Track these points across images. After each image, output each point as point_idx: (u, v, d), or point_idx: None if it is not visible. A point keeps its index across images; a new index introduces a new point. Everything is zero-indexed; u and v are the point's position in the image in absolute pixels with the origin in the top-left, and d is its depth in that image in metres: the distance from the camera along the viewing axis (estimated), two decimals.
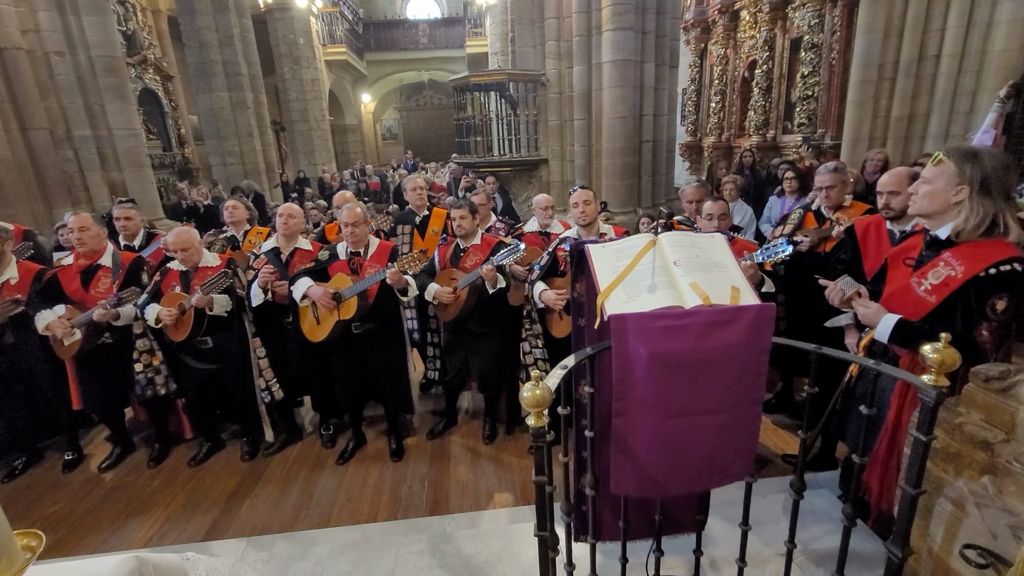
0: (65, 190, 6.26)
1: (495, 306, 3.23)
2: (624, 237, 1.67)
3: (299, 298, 3.04)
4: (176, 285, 3.12)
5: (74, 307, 3.13)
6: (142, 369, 3.22)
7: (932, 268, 1.69)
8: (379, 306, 3.10)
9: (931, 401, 1.14)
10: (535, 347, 3.24)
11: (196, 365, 3.20)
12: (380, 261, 3.07)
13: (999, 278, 1.55)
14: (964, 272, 1.60)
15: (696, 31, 10.06)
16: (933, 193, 1.67)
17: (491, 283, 3.09)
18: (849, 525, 1.36)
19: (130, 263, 3.32)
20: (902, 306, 1.75)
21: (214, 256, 3.29)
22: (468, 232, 3.26)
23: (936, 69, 5.73)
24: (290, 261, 3.35)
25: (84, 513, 2.99)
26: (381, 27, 19.27)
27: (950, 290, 1.63)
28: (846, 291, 1.87)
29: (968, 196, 1.60)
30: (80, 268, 3.22)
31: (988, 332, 1.56)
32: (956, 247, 1.66)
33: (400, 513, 2.85)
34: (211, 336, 3.16)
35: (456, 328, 3.35)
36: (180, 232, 3.15)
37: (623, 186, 7.12)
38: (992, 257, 1.57)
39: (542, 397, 1.09)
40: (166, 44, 11.49)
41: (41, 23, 5.87)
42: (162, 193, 9.16)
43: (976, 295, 1.58)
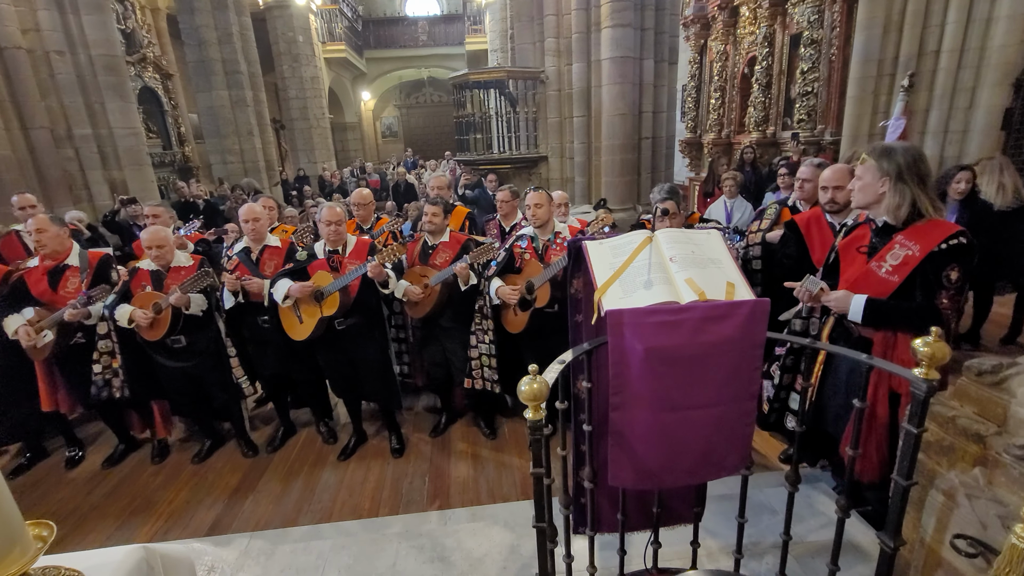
0: (66, 189, 6.28)
1: (464, 302, 3.25)
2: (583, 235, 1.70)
3: (281, 300, 3.01)
4: (147, 285, 3.08)
5: (43, 309, 3.09)
6: (100, 371, 3.17)
7: (889, 251, 1.87)
8: (361, 300, 3.11)
9: (922, 394, 1.16)
10: (481, 341, 3.24)
11: (169, 364, 3.18)
12: (359, 257, 3.06)
13: (950, 251, 1.76)
14: (920, 250, 1.79)
15: (695, 27, 10.02)
16: (864, 187, 1.91)
17: (463, 280, 3.11)
18: (843, 516, 1.38)
19: (98, 261, 3.28)
20: (867, 288, 1.89)
21: (186, 256, 3.26)
22: (438, 229, 3.28)
23: (935, 65, 5.72)
24: (260, 259, 3.34)
25: (88, 509, 3.02)
26: (380, 24, 19.25)
27: (910, 268, 1.80)
28: (812, 290, 2.00)
29: (890, 186, 1.84)
30: (47, 269, 3.17)
31: (948, 300, 1.77)
32: (906, 230, 1.86)
33: (401, 508, 2.88)
34: (184, 335, 3.13)
35: (427, 324, 3.37)
36: (155, 229, 3.12)
37: (622, 183, 7.13)
38: (941, 234, 1.78)
39: (539, 391, 1.11)
40: (165, 42, 11.47)
41: (41, 22, 5.88)
42: (162, 191, 9.18)
43: (932, 269, 1.77)
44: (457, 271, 3.05)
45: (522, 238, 3.18)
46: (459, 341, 3.33)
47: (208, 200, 8.43)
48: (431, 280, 3.13)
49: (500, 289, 3.02)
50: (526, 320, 3.04)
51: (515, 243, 3.17)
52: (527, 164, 7.87)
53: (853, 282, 1.94)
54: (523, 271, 3.08)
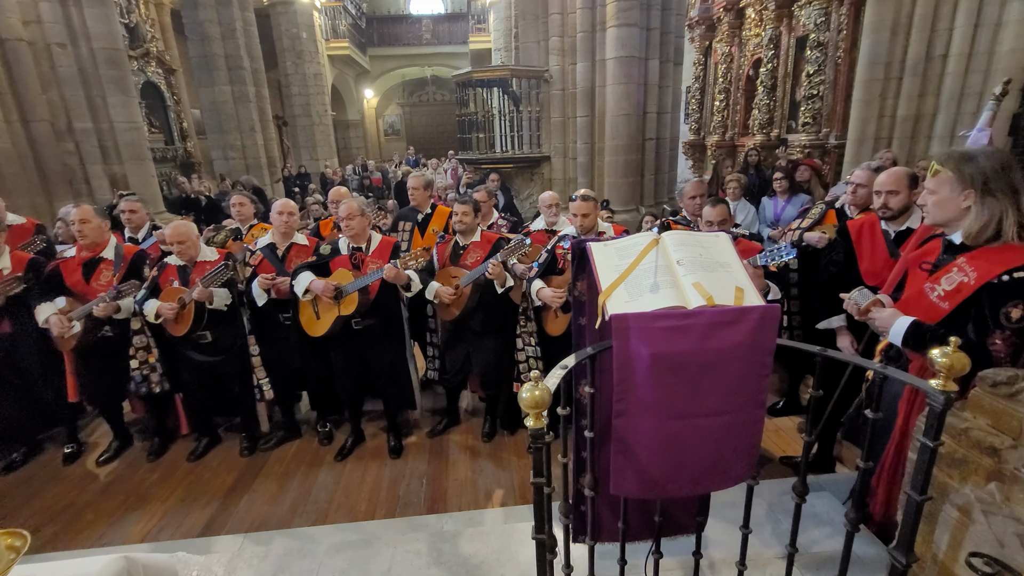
0: (66, 183, 6.24)
1: (498, 304, 3.20)
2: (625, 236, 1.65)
3: (301, 293, 3.02)
4: (174, 280, 3.11)
5: (75, 299, 3.12)
6: (137, 366, 3.20)
7: (946, 273, 1.66)
8: (380, 302, 3.08)
9: (939, 406, 1.12)
10: (528, 344, 3.22)
11: (197, 358, 3.19)
12: (382, 257, 3.06)
13: (1013, 285, 1.50)
14: (977, 278, 1.56)
15: (701, 28, 9.97)
16: (941, 202, 1.66)
17: (500, 282, 3.06)
18: (852, 531, 1.34)
19: (132, 256, 3.30)
20: (915, 310, 1.71)
21: (212, 250, 3.27)
22: (468, 229, 3.23)
23: (943, 69, 5.67)
24: (286, 257, 3.32)
25: (83, 506, 2.99)
26: (384, 22, 19.20)
27: (963, 296, 1.59)
28: (860, 303, 1.83)
29: (975, 200, 1.58)
30: (82, 260, 3.21)
31: (1002, 341, 1.51)
32: (971, 252, 1.62)
33: (398, 511, 2.84)
34: (210, 330, 3.15)
35: (458, 327, 3.31)
36: (178, 225, 3.14)
37: (626, 184, 7.08)
38: (1007, 263, 1.52)
39: (541, 398, 1.07)
40: (169, 37, 11.42)
41: (43, 14, 5.84)
42: (163, 186, 9.15)
43: (990, 302, 1.53)
44: (490, 272, 2.99)
45: (564, 238, 3.12)
46: (489, 346, 3.27)
47: (210, 197, 8.40)
48: (462, 281, 3.10)
49: (541, 291, 2.96)
50: (567, 323, 2.98)
51: (557, 243, 3.11)
52: (530, 164, 7.81)
53: (905, 300, 1.78)
54: (565, 272, 3.03)
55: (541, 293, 2.96)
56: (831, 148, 7.37)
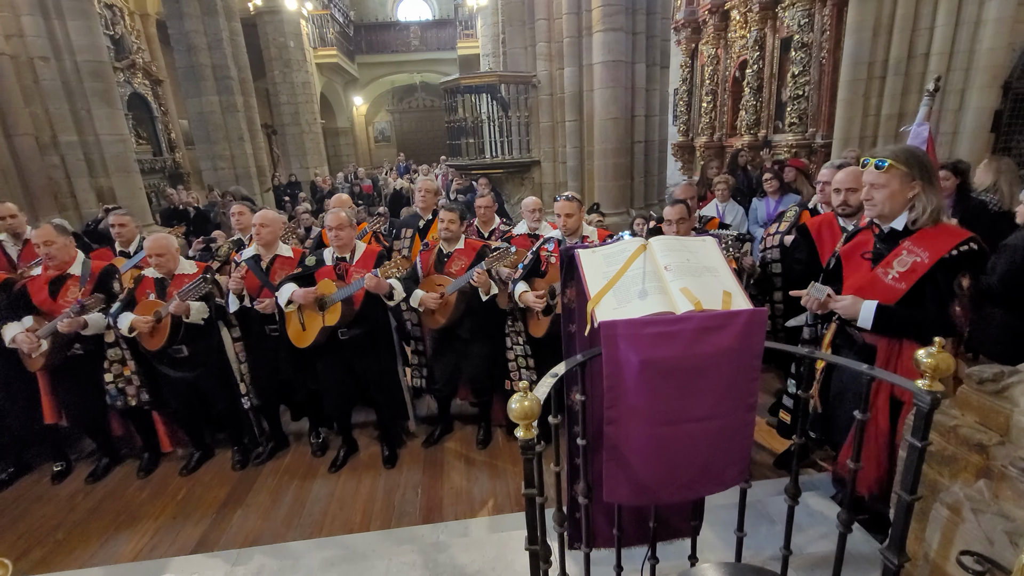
0: (51, 197, 6.17)
1: (484, 311, 3.19)
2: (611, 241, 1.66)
3: (284, 303, 2.99)
4: (151, 292, 3.05)
5: (42, 318, 3.04)
6: (112, 379, 3.14)
7: (896, 257, 1.82)
8: (366, 312, 3.06)
9: (926, 406, 1.13)
10: (516, 343, 3.22)
11: (173, 374, 3.14)
12: (366, 266, 3.02)
13: (960, 258, 1.70)
14: (930, 257, 1.74)
15: (687, 31, 10.06)
16: (892, 195, 1.81)
17: (484, 289, 3.05)
18: (844, 532, 1.34)
19: (100, 272, 3.22)
20: (873, 295, 1.84)
21: (191, 263, 3.22)
22: (454, 236, 3.22)
23: (925, 67, 5.75)
24: (271, 268, 3.29)
25: (72, 525, 2.94)
26: (372, 29, 19.19)
27: (918, 275, 1.75)
28: (819, 297, 1.94)
29: (921, 190, 1.77)
30: (49, 278, 3.12)
31: (960, 308, 1.71)
32: (913, 236, 1.80)
33: (393, 521, 2.82)
34: (187, 345, 3.09)
35: (444, 335, 3.30)
36: (157, 237, 3.08)
37: (616, 187, 7.10)
38: (951, 240, 1.72)
39: (530, 409, 1.07)
40: (155, 48, 11.39)
41: (25, 28, 5.78)
42: (152, 198, 9.09)
43: (943, 276, 1.71)
44: (475, 280, 2.98)
45: (549, 241, 3.12)
46: (478, 352, 3.26)
47: (199, 208, 8.35)
48: (446, 289, 3.08)
49: (524, 295, 2.96)
50: (547, 325, 2.99)
51: (542, 246, 3.12)
52: (520, 168, 7.82)
53: (858, 289, 1.89)
54: (547, 275, 3.03)
55: (523, 298, 2.97)
56: (818, 147, 7.45)
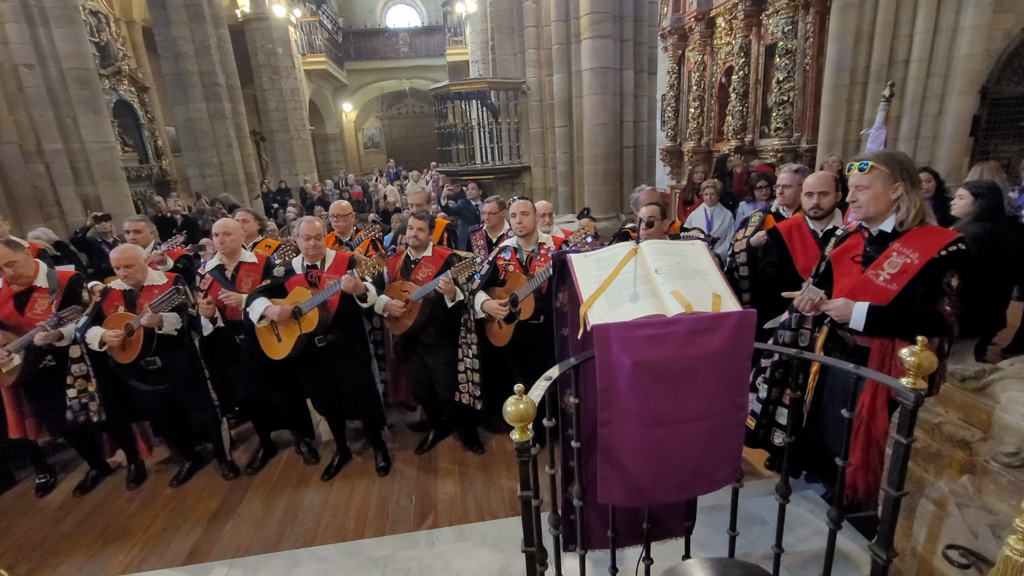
0: (36, 206, 6.10)
1: (448, 317, 3.19)
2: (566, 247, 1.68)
3: (256, 320, 2.93)
4: (119, 305, 2.98)
5: (9, 332, 2.96)
6: (75, 395, 3.05)
7: (886, 259, 1.85)
8: (341, 316, 3.03)
9: (910, 404, 1.16)
10: (466, 356, 3.20)
11: (143, 387, 3.08)
12: (338, 272, 2.98)
13: (950, 258, 1.74)
14: (920, 257, 1.78)
15: (673, 38, 10.16)
16: (875, 196, 1.85)
17: (450, 296, 3.05)
18: (834, 528, 1.37)
19: (68, 281, 3.15)
20: (865, 297, 1.87)
21: (160, 274, 3.16)
22: (421, 244, 3.21)
23: (906, 74, 5.88)
24: (236, 276, 3.25)
25: (59, 539, 2.89)
26: (361, 36, 19.22)
27: (909, 276, 1.78)
28: (813, 299, 1.97)
29: (904, 192, 1.81)
30: (13, 292, 3.04)
31: (950, 306, 1.74)
32: (902, 237, 1.84)
33: (388, 528, 2.81)
34: (159, 356, 3.04)
35: (408, 340, 3.28)
36: (124, 248, 3.01)
37: (605, 192, 7.18)
38: (940, 241, 1.76)
39: (526, 411, 1.08)
40: (141, 55, 11.32)
41: (9, 35, 5.73)
42: (139, 206, 8.99)
43: (933, 276, 1.75)
44: (441, 288, 2.97)
45: (505, 250, 3.14)
46: (442, 358, 3.26)
47: (187, 216, 8.27)
48: (412, 295, 3.07)
49: (486, 304, 2.96)
50: (511, 333, 3.00)
51: (499, 255, 3.13)
52: (510, 174, 7.87)
53: (850, 291, 1.92)
54: (507, 283, 3.04)
55: (486, 305, 2.96)
56: (803, 152, 7.56)
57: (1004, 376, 1.44)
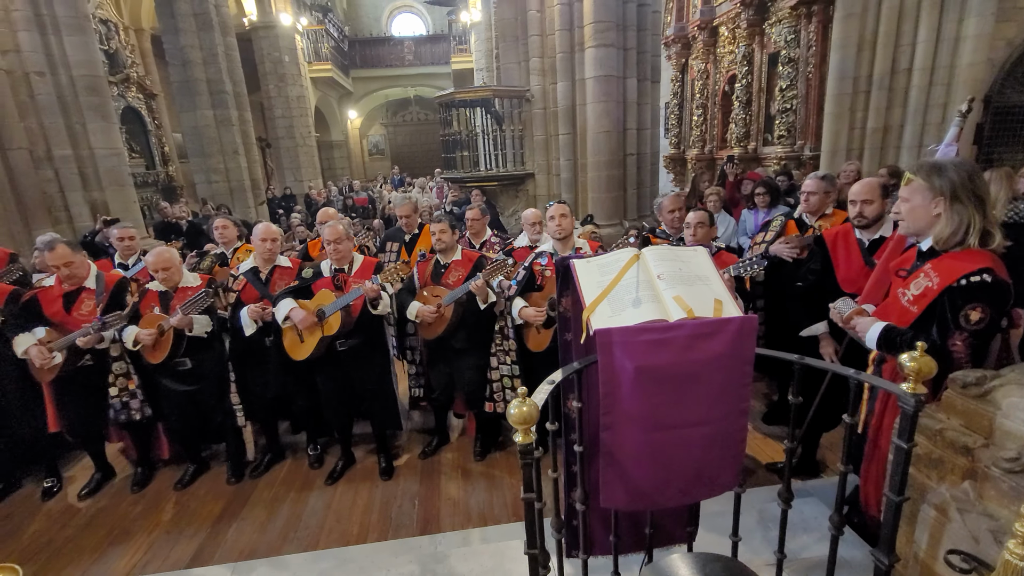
0: (45, 211, 6.17)
1: (478, 321, 3.21)
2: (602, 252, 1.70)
3: (281, 320, 3.00)
4: (155, 306, 3.07)
5: (54, 329, 3.06)
6: (117, 393, 3.14)
7: (914, 279, 1.75)
8: (363, 322, 3.08)
9: (910, 408, 1.17)
10: (503, 363, 3.22)
11: (174, 387, 3.14)
12: (365, 276, 3.05)
13: (970, 288, 1.58)
14: (939, 283, 1.65)
15: (677, 47, 10.26)
16: (913, 210, 1.74)
17: (482, 297, 3.07)
18: (836, 534, 1.37)
19: (114, 285, 3.24)
20: (889, 315, 1.82)
21: (194, 276, 3.25)
22: (448, 247, 3.24)
23: (908, 82, 5.91)
24: (270, 279, 3.31)
25: (64, 542, 2.91)
26: (367, 44, 19.40)
27: (928, 300, 1.68)
28: (843, 312, 1.92)
29: (945, 208, 1.66)
30: (64, 291, 3.15)
31: (961, 342, 1.59)
32: (937, 258, 1.71)
33: (390, 533, 2.81)
34: (190, 357, 3.11)
35: (439, 345, 3.30)
36: (161, 251, 3.10)
37: (609, 199, 7.20)
38: (965, 268, 1.61)
39: (529, 414, 1.09)
40: (149, 62, 11.44)
41: (21, 43, 5.83)
42: (145, 212, 9.06)
43: (951, 305, 1.61)
44: (474, 288, 2.99)
45: (542, 255, 3.14)
46: (471, 364, 3.27)
47: (191, 220, 8.34)
48: (443, 300, 3.09)
49: (524, 311, 2.97)
50: (550, 338, 2.99)
51: (535, 260, 3.13)
52: (514, 181, 7.91)
53: (883, 307, 1.88)
54: (544, 288, 3.05)
55: (523, 313, 2.98)
56: (806, 159, 7.59)
57: (1005, 382, 1.44)
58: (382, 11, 20.81)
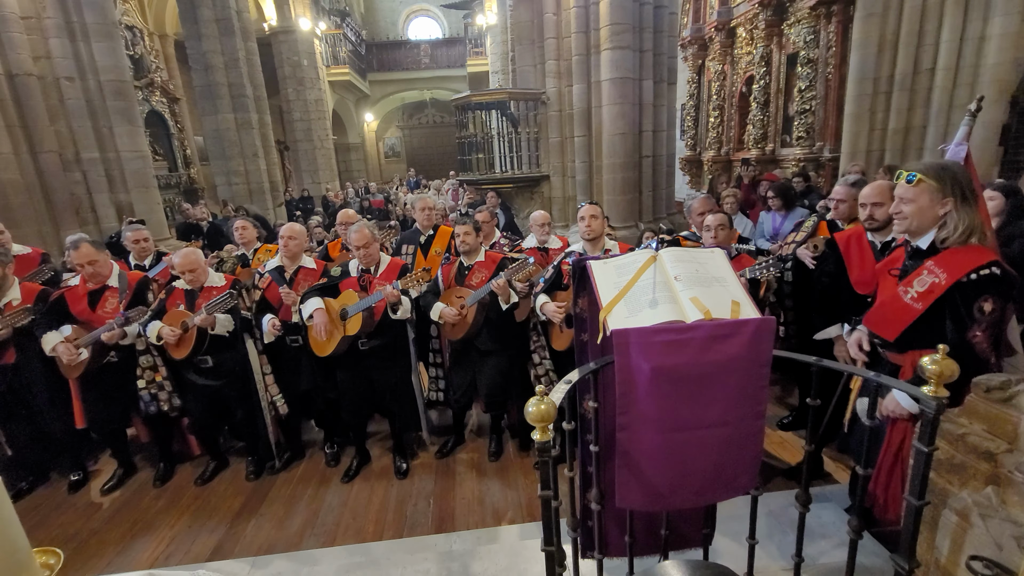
0: (73, 212, 6.35)
1: (502, 323, 3.23)
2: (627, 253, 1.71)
3: (306, 318, 3.07)
4: (181, 303, 3.16)
5: (80, 327, 3.16)
6: (145, 385, 3.23)
7: (916, 276, 1.78)
8: (386, 323, 3.13)
9: (931, 412, 1.16)
10: (544, 359, 3.26)
11: (199, 381, 3.23)
12: (390, 279, 3.11)
13: (980, 282, 1.64)
14: (947, 278, 1.69)
15: (693, 48, 10.21)
16: (920, 210, 1.76)
17: (504, 297, 3.10)
18: (855, 538, 1.36)
19: (137, 283, 3.34)
20: (890, 313, 1.82)
21: (219, 276, 3.33)
22: (472, 249, 3.27)
23: (931, 82, 5.80)
24: (294, 279, 3.38)
25: (89, 534, 2.99)
26: (383, 48, 19.60)
27: (935, 296, 1.72)
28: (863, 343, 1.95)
29: (953, 208, 1.72)
30: (88, 290, 3.26)
31: (981, 333, 1.65)
32: (938, 255, 1.76)
33: (406, 531, 2.84)
34: (211, 355, 3.18)
35: (463, 347, 3.33)
36: (187, 253, 3.19)
37: (624, 201, 7.17)
38: (972, 262, 1.67)
39: (547, 412, 1.11)
40: (173, 67, 11.72)
41: (52, 50, 6.01)
42: (168, 213, 9.27)
43: (962, 299, 1.67)
44: (495, 288, 3.03)
45: (571, 255, 3.16)
46: (495, 365, 3.29)
47: (212, 222, 8.51)
48: (467, 301, 3.12)
49: (545, 306, 3.00)
50: (571, 338, 3.01)
51: (563, 260, 3.16)
52: (529, 183, 7.92)
53: (879, 305, 1.88)
54: (571, 288, 3.07)
55: (544, 308, 3.01)
56: (825, 161, 7.49)
57: None
58: (399, 15, 21.02)
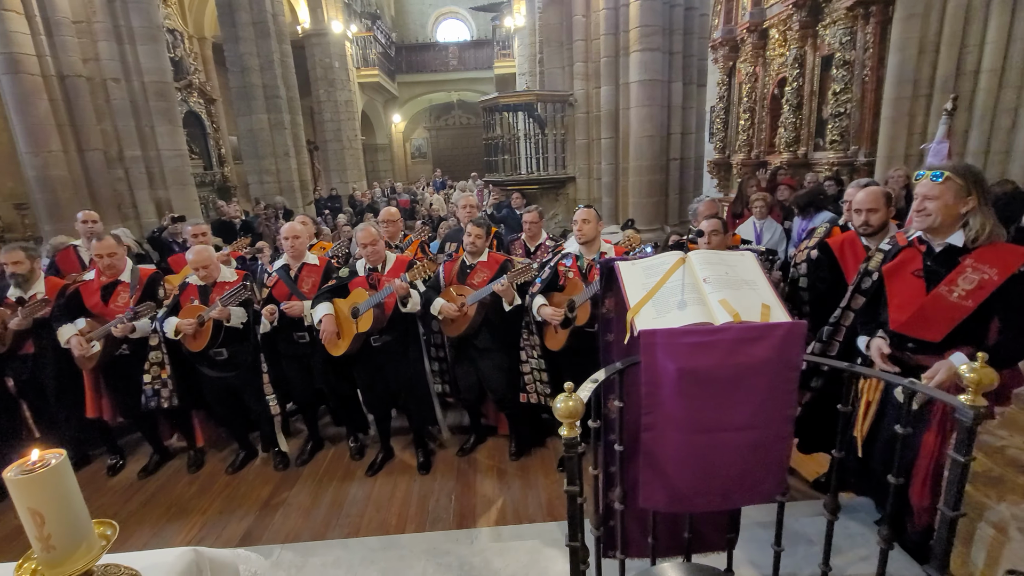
0: (115, 207, 6.61)
1: (502, 323, 3.26)
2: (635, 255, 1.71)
3: (317, 321, 3.13)
4: (194, 299, 3.26)
5: (94, 320, 3.27)
6: (150, 380, 3.32)
7: (960, 275, 1.78)
8: (396, 318, 3.19)
9: (968, 421, 1.13)
10: (531, 357, 3.25)
11: (212, 374, 3.32)
12: (397, 274, 3.14)
13: None
14: (999, 274, 1.71)
15: (724, 50, 10.05)
16: (944, 207, 1.79)
17: (508, 299, 3.13)
18: (886, 548, 1.34)
19: (147, 279, 3.45)
20: (936, 314, 1.80)
21: (231, 271, 3.43)
22: (479, 250, 3.31)
23: (975, 85, 5.60)
24: (298, 275, 3.45)
25: (127, 516, 3.12)
26: (412, 50, 19.88)
27: (987, 292, 1.72)
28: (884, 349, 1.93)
29: (976, 206, 1.76)
30: (102, 284, 3.36)
31: None
32: (976, 252, 1.77)
33: (427, 526, 2.89)
34: (226, 348, 3.27)
35: (463, 343, 3.37)
36: (200, 250, 3.29)
37: (650, 204, 7.12)
38: (1019, 257, 1.71)
39: (575, 408, 1.13)
40: (210, 69, 12.09)
41: (100, 52, 6.28)
42: (202, 211, 9.57)
43: (1017, 293, 1.69)
44: (499, 290, 3.06)
45: (567, 256, 3.18)
46: (494, 363, 3.32)
47: (245, 219, 8.76)
48: (467, 299, 3.16)
49: (542, 309, 3.02)
50: (565, 338, 3.04)
51: (560, 261, 3.18)
52: (555, 184, 7.93)
53: (919, 308, 1.85)
54: (566, 289, 3.08)
55: (542, 311, 3.01)
56: (860, 165, 7.29)
57: None
58: (428, 17, 21.29)
